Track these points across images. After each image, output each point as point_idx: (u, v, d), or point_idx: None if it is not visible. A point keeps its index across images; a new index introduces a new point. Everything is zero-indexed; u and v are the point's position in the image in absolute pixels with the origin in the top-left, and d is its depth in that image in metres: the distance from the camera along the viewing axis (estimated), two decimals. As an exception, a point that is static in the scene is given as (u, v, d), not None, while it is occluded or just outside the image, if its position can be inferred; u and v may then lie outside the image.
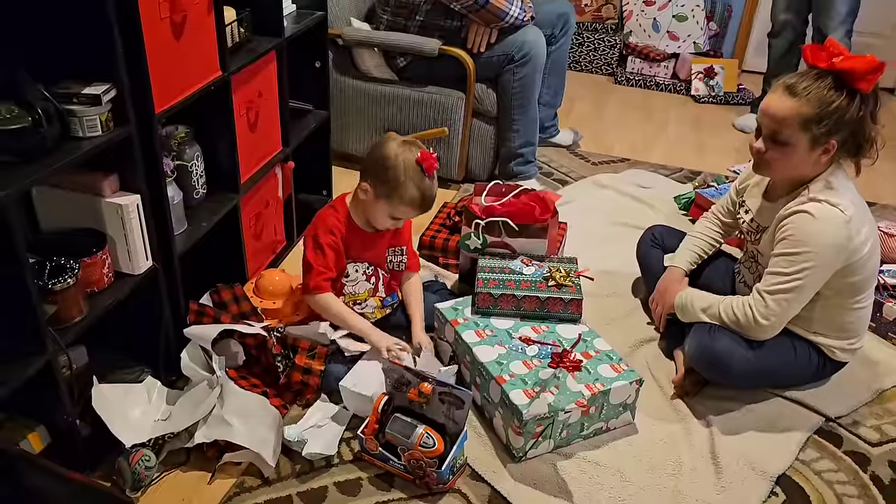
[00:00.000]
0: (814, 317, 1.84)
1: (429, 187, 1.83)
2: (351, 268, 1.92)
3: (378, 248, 1.96)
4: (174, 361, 1.79)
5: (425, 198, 1.83)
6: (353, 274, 1.92)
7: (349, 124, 2.94)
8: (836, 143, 1.70)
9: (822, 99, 1.66)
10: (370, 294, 1.95)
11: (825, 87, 1.67)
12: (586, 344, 1.86)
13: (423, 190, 1.81)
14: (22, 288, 1.34)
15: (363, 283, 1.93)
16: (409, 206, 1.83)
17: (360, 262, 1.93)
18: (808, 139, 1.69)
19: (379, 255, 1.96)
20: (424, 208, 1.86)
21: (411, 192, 1.80)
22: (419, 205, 1.83)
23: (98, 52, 1.43)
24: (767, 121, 1.74)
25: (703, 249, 2.12)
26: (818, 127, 1.67)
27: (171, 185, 1.76)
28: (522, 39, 2.67)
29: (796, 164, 1.75)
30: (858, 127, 1.69)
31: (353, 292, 1.93)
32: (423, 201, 1.83)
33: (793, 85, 1.70)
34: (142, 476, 1.59)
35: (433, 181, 1.84)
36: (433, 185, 1.84)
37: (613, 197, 2.94)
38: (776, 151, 1.74)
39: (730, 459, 1.75)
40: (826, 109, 1.66)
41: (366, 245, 1.93)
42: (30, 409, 1.56)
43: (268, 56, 2.07)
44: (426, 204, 1.85)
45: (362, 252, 1.93)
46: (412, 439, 1.61)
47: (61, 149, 1.39)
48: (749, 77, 4.40)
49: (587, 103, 3.98)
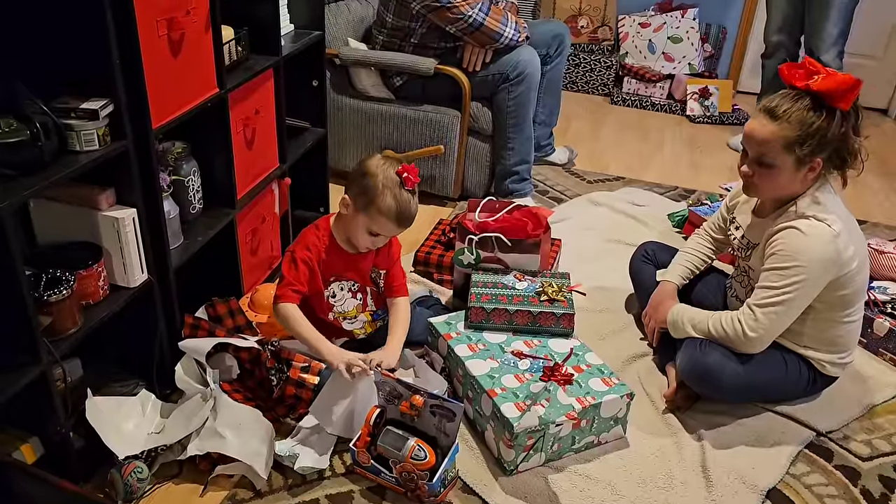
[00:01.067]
0: (804, 331, 1.86)
1: (406, 200, 1.79)
2: (336, 286, 1.92)
3: (361, 269, 1.94)
4: (168, 374, 1.81)
5: (402, 210, 1.79)
6: (340, 293, 1.92)
7: (346, 142, 2.98)
8: (821, 161, 1.73)
9: (803, 120, 1.69)
10: (359, 310, 1.96)
11: (804, 109, 1.70)
12: (578, 358, 1.88)
13: (399, 202, 1.78)
14: (18, 299, 1.36)
15: (350, 301, 1.94)
16: (386, 217, 1.79)
17: (344, 279, 1.93)
18: (792, 160, 1.72)
19: (362, 275, 1.95)
20: (401, 222, 1.81)
21: (388, 202, 1.77)
22: (395, 216, 1.79)
23: (96, 67, 1.46)
24: (752, 145, 1.77)
25: (695, 265, 2.14)
26: (801, 148, 1.70)
27: (168, 200, 1.79)
28: (517, 59, 2.72)
29: (783, 185, 1.78)
30: (841, 143, 1.72)
31: (342, 311, 1.94)
32: (400, 213, 1.79)
33: (773, 108, 1.72)
34: (134, 488, 1.60)
35: (412, 196, 1.81)
36: (411, 200, 1.80)
37: (607, 214, 2.96)
38: (762, 174, 1.77)
39: (721, 473, 1.75)
40: (807, 131, 1.69)
41: (348, 265, 1.91)
42: (23, 420, 1.57)
43: (265, 74, 2.10)
44: (402, 217, 1.80)
45: (345, 271, 1.92)
46: (403, 452, 1.61)
47: (59, 162, 1.42)
48: (744, 97, 4.45)
49: (584, 123, 4.02)
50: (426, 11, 2.67)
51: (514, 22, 2.74)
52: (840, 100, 1.67)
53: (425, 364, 1.95)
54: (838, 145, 1.71)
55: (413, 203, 1.81)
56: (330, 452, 1.74)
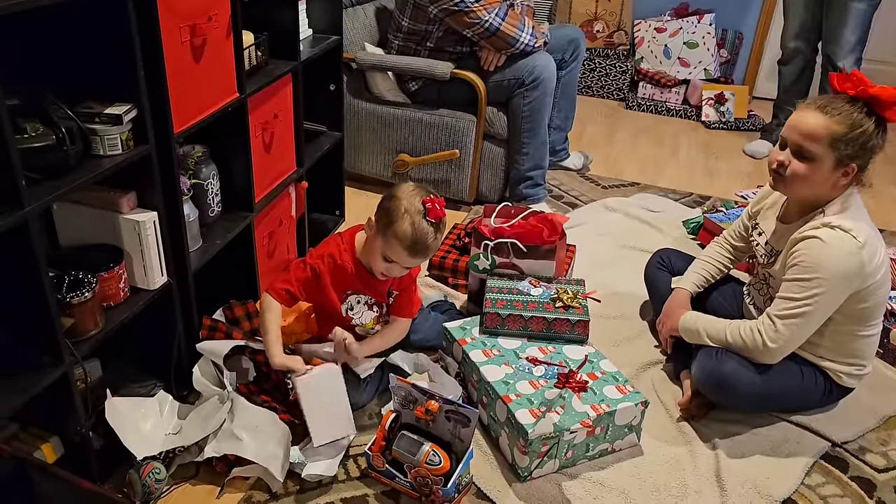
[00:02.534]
0: (822, 342, 1.85)
1: (424, 229, 1.74)
2: (353, 299, 1.92)
3: (379, 290, 1.93)
4: (186, 376, 1.82)
5: (417, 238, 1.74)
6: (357, 306, 1.93)
7: (362, 146, 2.99)
8: (856, 168, 1.73)
9: (854, 121, 1.69)
10: (376, 322, 1.97)
11: (857, 111, 1.70)
12: (592, 365, 1.88)
13: (416, 230, 1.74)
14: (41, 301, 1.38)
15: (367, 314, 1.94)
16: (400, 242, 1.75)
17: (361, 293, 1.92)
18: (834, 157, 1.71)
19: (380, 294, 1.94)
20: (414, 251, 1.76)
21: (405, 227, 1.74)
22: (409, 244, 1.74)
23: (120, 73, 1.48)
24: (796, 135, 1.74)
25: (711, 273, 2.14)
26: (845, 147, 1.69)
27: (188, 203, 1.80)
28: (533, 64, 2.72)
29: (817, 182, 1.75)
30: (872, 155, 1.73)
31: (360, 323, 1.95)
32: (415, 242, 1.74)
33: (825, 105, 1.72)
34: (152, 488, 1.61)
35: (433, 228, 1.76)
36: (430, 231, 1.75)
37: (622, 220, 2.96)
38: (800, 166, 1.74)
39: (735, 483, 1.75)
40: (855, 131, 1.69)
41: (366, 284, 1.90)
42: (44, 419, 1.59)
43: (284, 79, 2.12)
44: (417, 246, 1.75)
45: (363, 288, 1.91)
46: (418, 457, 1.62)
47: (83, 166, 1.44)
48: (759, 103, 4.43)
49: (599, 128, 4.02)
50: (443, 15, 2.68)
51: (530, 27, 2.74)
52: (889, 108, 1.68)
53: (440, 368, 1.96)
54: (871, 156, 1.73)
55: (431, 235, 1.76)
56: (339, 460, 1.74)
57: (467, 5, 2.62)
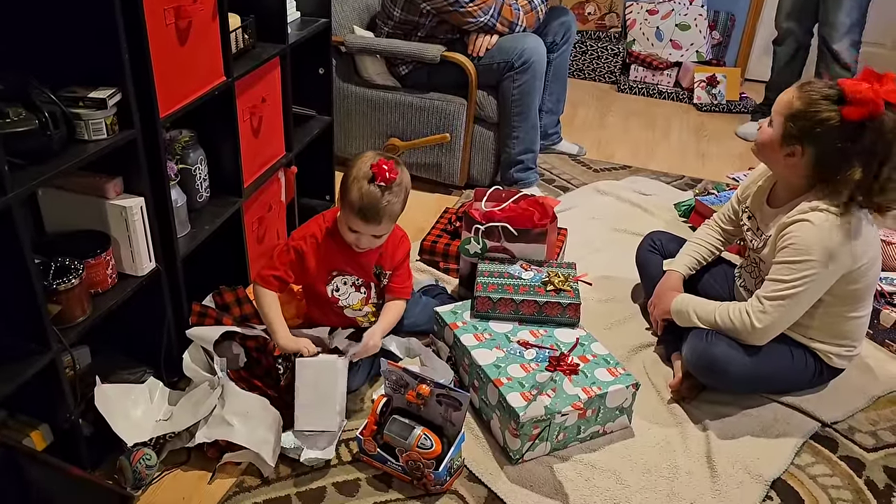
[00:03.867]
0: (812, 323, 1.86)
1: (371, 193, 1.73)
2: (339, 280, 1.91)
3: (363, 265, 1.91)
4: (176, 362, 1.82)
5: (365, 203, 1.73)
6: (343, 287, 1.92)
7: (352, 130, 2.98)
8: (801, 152, 1.72)
9: (812, 101, 1.69)
10: (363, 303, 1.96)
11: (823, 94, 1.68)
12: (584, 348, 1.88)
13: (363, 194, 1.73)
14: (27, 287, 1.36)
15: (354, 294, 1.93)
16: (350, 210, 1.76)
17: (347, 274, 1.92)
18: (782, 131, 1.74)
19: (365, 271, 1.92)
20: (364, 216, 1.75)
21: (353, 193, 1.74)
22: (357, 209, 1.74)
23: (104, 56, 1.46)
24: (774, 106, 1.79)
25: (703, 256, 2.14)
26: (794, 124, 1.71)
27: (175, 189, 1.79)
28: (522, 47, 2.70)
29: (768, 151, 1.80)
30: (836, 156, 1.67)
31: (346, 304, 1.94)
32: (362, 207, 1.73)
33: (804, 83, 1.74)
34: (142, 475, 1.61)
35: (381, 191, 1.74)
36: (378, 194, 1.73)
37: (613, 203, 2.96)
38: (764, 132, 1.80)
39: (725, 463, 1.76)
40: (809, 111, 1.68)
41: (349, 260, 1.90)
42: (33, 407, 1.58)
43: (272, 62, 2.10)
44: (367, 211, 1.74)
45: (346, 265, 1.91)
46: (410, 440, 1.62)
47: (67, 151, 1.42)
48: (751, 85, 4.42)
49: (590, 111, 4.00)
50: (436, 13, 2.67)
51: (524, 23, 2.74)
52: (849, 105, 1.63)
53: (432, 353, 1.95)
54: (830, 154, 1.67)
55: (382, 198, 1.74)
56: (335, 443, 1.74)
57: (462, 5, 2.61)
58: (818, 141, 1.69)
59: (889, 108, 1.62)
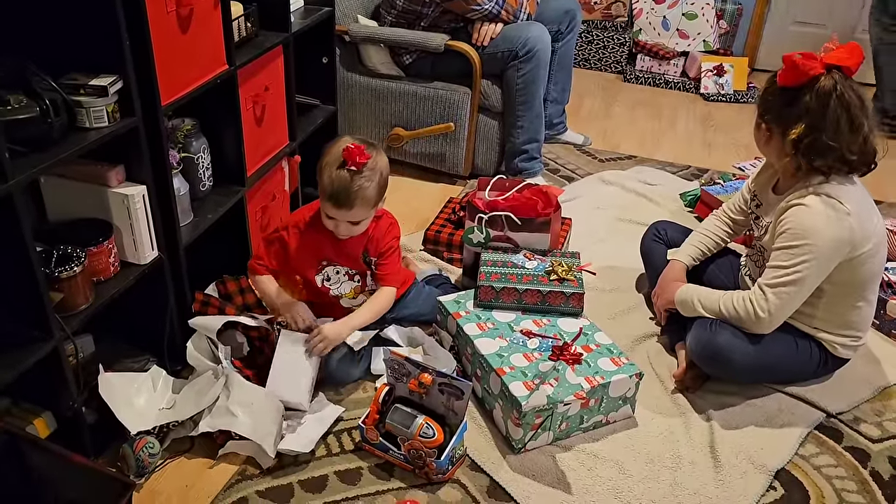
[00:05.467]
0: (817, 313, 1.84)
1: (340, 177, 1.71)
2: (330, 270, 1.91)
3: (351, 254, 1.89)
4: (179, 351, 1.82)
5: (334, 189, 1.72)
6: (334, 276, 1.91)
7: (356, 120, 2.97)
8: (768, 129, 1.78)
9: (769, 77, 1.78)
10: (357, 291, 1.95)
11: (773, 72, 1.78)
12: (587, 338, 1.87)
13: (333, 179, 1.72)
14: (29, 275, 1.37)
15: (347, 283, 1.92)
16: (323, 195, 1.76)
17: (337, 264, 1.91)
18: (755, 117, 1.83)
19: (354, 260, 1.90)
20: (335, 201, 1.73)
21: (325, 179, 1.74)
22: (328, 195, 1.74)
23: (105, 43, 1.45)
24: None
25: (708, 246, 2.12)
26: (759, 101, 1.82)
27: (178, 177, 1.79)
28: (527, 35, 2.69)
29: (756, 143, 1.88)
30: (786, 122, 1.73)
31: (339, 293, 1.93)
32: (333, 191, 1.73)
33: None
34: (145, 463, 1.62)
35: (351, 175, 1.72)
36: (347, 178, 1.71)
37: (619, 193, 2.94)
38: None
39: (729, 453, 1.75)
40: (766, 86, 1.81)
41: (337, 250, 1.88)
42: (36, 395, 1.59)
43: (275, 51, 2.09)
44: (337, 196, 1.72)
45: (335, 256, 1.89)
46: (412, 429, 1.62)
47: (68, 139, 1.42)
48: (759, 76, 4.38)
49: (596, 101, 3.98)
50: (441, 1, 2.65)
51: (527, 9, 2.73)
52: (783, 69, 1.73)
53: (435, 342, 1.95)
54: (783, 123, 1.73)
55: (352, 183, 1.72)
56: (318, 440, 1.71)
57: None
58: (771, 113, 1.77)
59: (830, 72, 1.68)
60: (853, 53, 1.70)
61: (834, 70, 1.68)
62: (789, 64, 1.70)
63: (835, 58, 1.69)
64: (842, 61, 1.69)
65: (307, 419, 1.77)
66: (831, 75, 1.68)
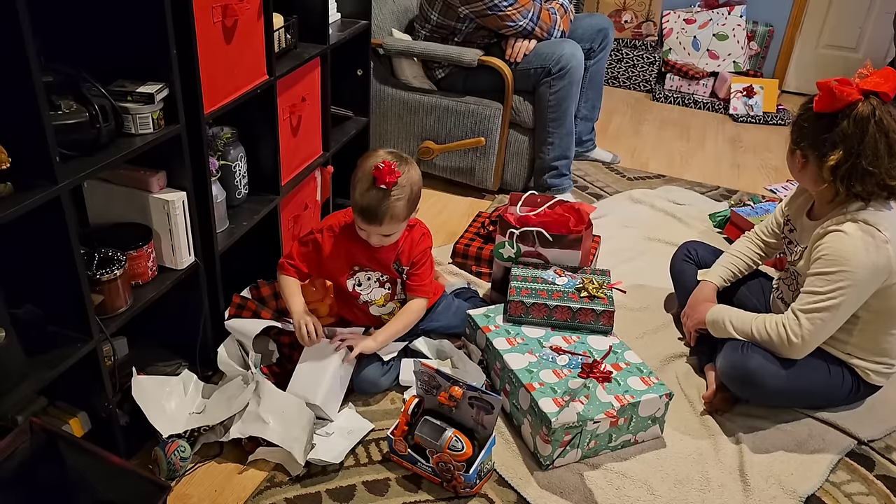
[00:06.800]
0: (851, 339, 1.83)
1: (370, 196, 1.74)
2: (362, 275, 1.92)
3: (383, 261, 1.90)
4: (210, 356, 1.84)
5: (364, 206, 1.75)
6: (366, 282, 1.92)
7: (387, 132, 2.99)
8: (803, 156, 1.77)
9: (803, 103, 1.77)
10: (387, 299, 1.96)
11: (807, 98, 1.77)
12: (617, 356, 1.87)
13: (364, 197, 1.74)
14: (73, 277, 1.39)
15: (377, 290, 1.93)
16: (354, 209, 1.79)
17: (369, 270, 1.92)
18: (788, 144, 1.82)
19: (385, 267, 1.91)
20: (366, 217, 1.76)
21: (355, 195, 1.77)
22: (359, 210, 1.77)
23: (153, 51, 1.48)
24: None
25: (739, 269, 2.11)
26: (793, 129, 1.80)
27: (216, 184, 1.81)
28: (560, 53, 2.70)
29: (791, 170, 1.86)
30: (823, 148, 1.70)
31: (369, 300, 1.94)
32: (362, 208, 1.75)
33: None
34: (177, 466, 1.63)
35: (381, 194, 1.73)
36: (376, 196, 1.73)
37: (647, 212, 2.94)
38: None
39: (759, 478, 1.73)
40: (799, 113, 1.78)
41: (370, 256, 1.90)
42: (72, 395, 1.61)
43: (312, 62, 2.12)
44: (366, 212, 1.75)
45: (367, 262, 1.91)
46: (441, 442, 1.62)
47: (115, 144, 1.45)
48: (789, 98, 4.37)
49: (624, 119, 3.98)
50: (475, 17, 2.68)
51: (561, 27, 2.75)
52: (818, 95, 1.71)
53: (464, 355, 1.95)
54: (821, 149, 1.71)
55: (382, 201, 1.74)
56: (347, 451, 1.72)
57: (501, 9, 2.61)
58: (806, 139, 1.75)
59: (868, 98, 1.67)
60: (889, 78, 1.69)
61: (871, 95, 1.68)
62: (825, 90, 1.69)
63: (871, 83, 1.68)
64: (878, 87, 1.68)
65: (336, 430, 1.77)
66: (869, 101, 1.67)
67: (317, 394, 1.77)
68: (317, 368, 1.81)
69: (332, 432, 1.77)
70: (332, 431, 1.78)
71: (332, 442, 1.73)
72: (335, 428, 1.78)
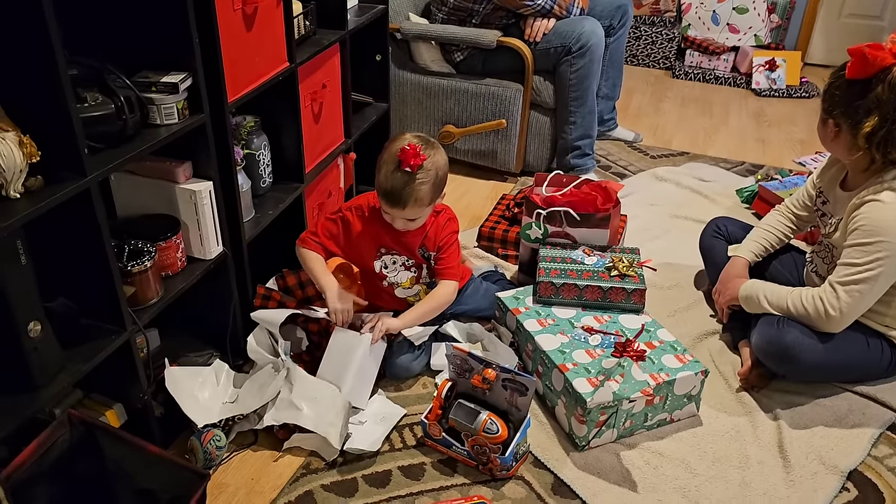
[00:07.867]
0: (889, 311, 1.79)
1: (395, 178, 1.73)
2: (388, 258, 1.91)
3: (408, 245, 1.90)
4: (240, 345, 1.84)
5: (388, 189, 1.74)
6: (392, 265, 1.92)
7: (408, 117, 2.97)
8: (836, 125, 1.73)
9: (834, 71, 1.74)
10: (413, 282, 1.95)
11: (838, 66, 1.73)
12: (650, 334, 1.84)
13: (388, 179, 1.74)
14: (105, 269, 1.39)
15: (404, 273, 1.93)
16: (378, 192, 1.78)
17: (395, 253, 1.91)
18: (820, 114, 1.78)
19: (411, 251, 1.91)
20: (389, 201, 1.76)
21: (380, 178, 1.76)
22: (382, 193, 1.77)
23: (175, 41, 1.47)
24: None
25: (771, 243, 2.07)
26: (824, 98, 1.76)
27: (241, 174, 1.81)
28: (580, 30, 2.66)
29: (823, 141, 1.82)
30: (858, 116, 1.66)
31: (395, 282, 1.94)
32: (386, 191, 1.75)
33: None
34: (213, 455, 1.63)
35: (406, 177, 1.72)
36: (401, 179, 1.73)
37: (673, 190, 2.90)
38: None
39: (799, 454, 1.71)
40: (831, 81, 1.74)
41: (395, 239, 1.89)
42: (107, 387, 1.61)
43: (332, 48, 2.10)
44: (389, 195, 1.75)
45: (393, 244, 1.90)
46: (476, 425, 1.61)
47: (141, 135, 1.45)
48: (812, 70, 4.29)
49: (645, 97, 3.93)
50: None
51: (580, 4, 2.71)
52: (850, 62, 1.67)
53: (495, 338, 1.94)
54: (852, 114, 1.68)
55: (406, 185, 1.73)
56: (384, 437, 1.72)
57: None
58: (839, 107, 1.71)
59: None
60: None
61: None
62: (858, 56, 1.65)
63: None
64: None
65: (369, 417, 1.77)
66: None
67: (343, 383, 1.77)
68: (343, 359, 1.79)
69: (365, 420, 1.77)
70: (364, 420, 1.77)
71: (366, 430, 1.73)
72: (368, 416, 1.78)
